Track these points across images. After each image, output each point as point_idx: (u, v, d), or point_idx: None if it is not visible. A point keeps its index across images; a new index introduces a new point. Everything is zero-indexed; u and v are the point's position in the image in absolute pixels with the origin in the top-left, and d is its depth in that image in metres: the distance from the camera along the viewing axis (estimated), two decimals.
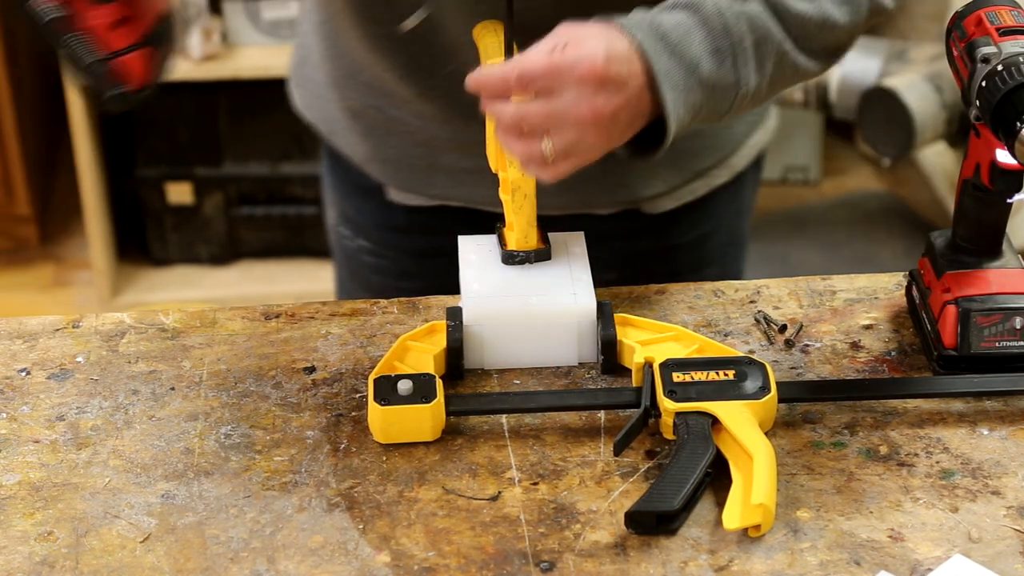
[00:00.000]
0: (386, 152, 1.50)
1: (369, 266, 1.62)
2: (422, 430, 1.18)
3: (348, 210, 1.61)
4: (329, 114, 1.55)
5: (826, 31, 1.27)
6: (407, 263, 1.59)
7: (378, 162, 1.52)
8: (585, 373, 1.27)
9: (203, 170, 3.13)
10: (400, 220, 1.56)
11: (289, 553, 1.09)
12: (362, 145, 1.52)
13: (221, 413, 1.22)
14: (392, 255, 1.60)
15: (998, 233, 1.26)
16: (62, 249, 3.32)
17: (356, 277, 1.65)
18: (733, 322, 1.32)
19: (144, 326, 1.32)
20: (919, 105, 3.07)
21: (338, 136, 1.55)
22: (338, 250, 1.67)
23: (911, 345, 1.29)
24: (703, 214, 1.54)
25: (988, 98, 1.16)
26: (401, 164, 1.50)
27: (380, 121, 1.48)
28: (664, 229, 1.53)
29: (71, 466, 1.17)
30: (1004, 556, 1.08)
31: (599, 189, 1.46)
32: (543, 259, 1.31)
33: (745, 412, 1.16)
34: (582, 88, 1.15)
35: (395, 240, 1.59)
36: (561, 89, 1.15)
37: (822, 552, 1.08)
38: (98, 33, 1.13)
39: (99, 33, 1.13)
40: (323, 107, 1.56)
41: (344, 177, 1.60)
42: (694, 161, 1.49)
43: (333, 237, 1.67)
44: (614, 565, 1.07)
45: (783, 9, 1.25)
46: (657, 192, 1.48)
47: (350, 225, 1.62)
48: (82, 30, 1.13)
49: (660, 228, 1.53)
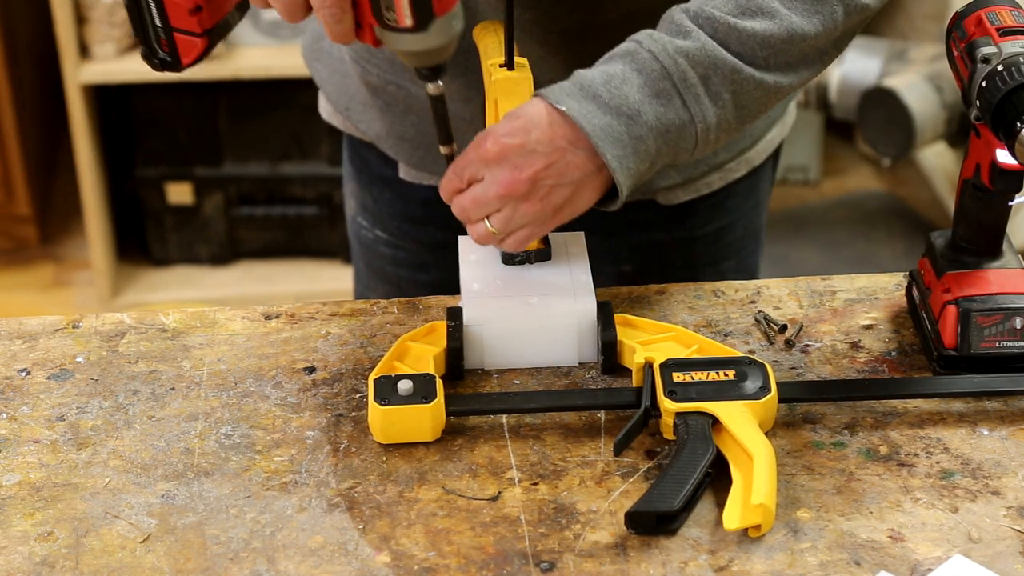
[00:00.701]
0: (403, 129, 1.50)
1: (386, 257, 1.62)
2: (422, 430, 1.18)
3: (366, 200, 1.62)
4: (347, 88, 1.54)
5: (795, 44, 1.25)
6: (425, 255, 1.59)
7: (394, 139, 1.51)
8: (585, 373, 1.27)
9: (203, 170, 3.13)
10: (418, 212, 1.57)
11: (289, 553, 1.09)
12: (379, 121, 1.52)
13: (221, 413, 1.22)
14: (410, 246, 1.60)
15: (998, 233, 1.26)
16: (62, 249, 3.32)
17: (373, 268, 1.65)
18: (733, 322, 1.32)
19: (144, 326, 1.32)
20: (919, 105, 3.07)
21: (354, 112, 1.55)
22: (356, 241, 1.67)
23: (911, 345, 1.29)
24: (720, 207, 1.55)
25: (988, 98, 1.16)
26: (417, 143, 1.50)
27: (399, 97, 1.48)
28: (681, 221, 1.54)
29: (71, 466, 1.17)
30: (1004, 556, 1.08)
31: None
32: (543, 259, 1.31)
33: (745, 412, 1.16)
34: (492, 168, 1.22)
35: (413, 231, 1.59)
36: (481, 174, 1.22)
37: (822, 552, 1.08)
38: (175, 9, 1.20)
39: (176, 10, 1.20)
40: (342, 81, 1.55)
41: (363, 167, 1.60)
42: (710, 155, 1.49)
43: (351, 228, 1.67)
44: (614, 565, 1.07)
45: (735, 35, 1.23)
46: (672, 183, 1.49)
47: (368, 215, 1.62)
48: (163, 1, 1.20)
49: (677, 220, 1.53)
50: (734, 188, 1.54)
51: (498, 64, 1.27)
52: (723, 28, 1.23)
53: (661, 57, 1.22)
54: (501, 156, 1.21)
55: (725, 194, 1.54)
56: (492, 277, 1.30)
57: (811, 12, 1.25)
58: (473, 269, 1.31)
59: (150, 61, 1.23)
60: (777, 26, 1.23)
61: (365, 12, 1.14)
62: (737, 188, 1.54)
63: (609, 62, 1.24)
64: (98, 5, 2.89)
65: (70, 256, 3.30)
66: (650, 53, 1.22)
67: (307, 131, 3.09)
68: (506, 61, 1.26)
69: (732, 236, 1.59)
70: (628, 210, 1.50)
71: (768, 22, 1.23)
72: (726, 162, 1.51)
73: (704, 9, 1.23)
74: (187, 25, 1.20)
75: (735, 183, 1.54)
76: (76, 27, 2.90)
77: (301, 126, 3.09)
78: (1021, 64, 1.15)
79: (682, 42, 1.22)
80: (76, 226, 3.28)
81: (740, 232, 1.60)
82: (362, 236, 1.64)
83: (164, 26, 1.20)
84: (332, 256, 3.20)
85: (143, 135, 3.10)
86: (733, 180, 1.53)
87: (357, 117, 1.54)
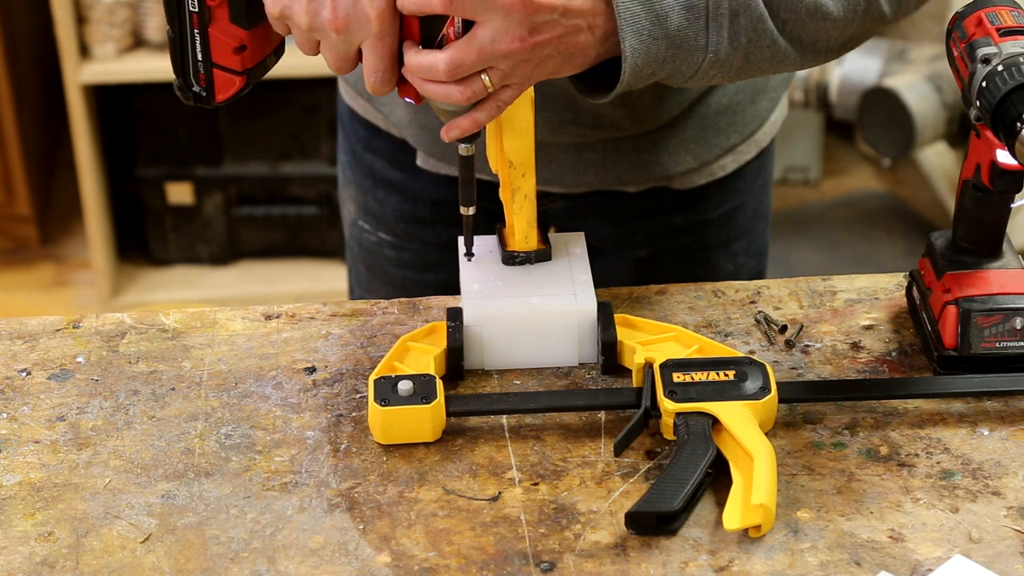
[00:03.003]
0: (426, 120, 1.49)
1: (390, 259, 1.62)
2: (422, 431, 1.18)
3: (370, 204, 1.61)
4: None
5: (817, 20, 1.24)
6: (432, 255, 1.59)
7: (416, 127, 1.51)
8: (586, 373, 1.27)
9: (203, 170, 3.13)
10: (426, 212, 1.57)
11: (289, 553, 1.09)
12: (402, 108, 1.51)
13: (221, 413, 1.22)
14: (416, 247, 1.60)
15: (998, 233, 1.26)
16: (62, 249, 3.32)
17: (376, 271, 1.65)
18: (733, 322, 1.32)
19: (144, 326, 1.32)
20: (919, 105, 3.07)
21: (376, 99, 1.54)
22: (356, 245, 1.66)
23: (911, 345, 1.29)
24: (732, 189, 1.56)
25: (988, 98, 1.16)
26: (437, 133, 1.49)
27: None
28: (695, 205, 1.54)
29: (71, 466, 1.17)
30: (1004, 556, 1.08)
31: (630, 166, 1.47)
32: (543, 260, 1.31)
33: (745, 412, 1.16)
34: (512, 17, 1.13)
35: (420, 233, 1.59)
36: (486, 17, 1.13)
37: (822, 552, 1.08)
38: (219, 46, 1.20)
39: (220, 46, 1.20)
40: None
41: (368, 171, 1.60)
42: (722, 137, 1.50)
43: (351, 232, 1.67)
44: (614, 565, 1.07)
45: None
46: (688, 168, 1.49)
47: (371, 219, 1.62)
48: (210, 35, 1.20)
49: (691, 204, 1.54)
50: (744, 170, 1.55)
51: None
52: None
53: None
54: (531, 8, 1.13)
55: (736, 176, 1.55)
56: (492, 277, 1.30)
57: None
58: (473, 269, 1.31)
59: (183, 94, 1.23)
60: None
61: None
62: (747, 170, 1.56)
63: None
64: (98, 5, 2.89)
65: (70, 256, 3.30)
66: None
67: (307, 131, 3.09)
68: None
69: (743, 217, 1.60)
70: (643, 197, 1.51)
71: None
72: (738, 144, 1.52)
73: None
74: (229, 62, 1.21)
75: (745, 165, 1.55)
76: (76, 27, 2.90)
77: (301, 126, 3.09)
78: (1021, 64, 1.15)
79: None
80: (76, 226, 3.28)
81: (751, 212, 1.61)
82: (364, 240, 1.64)
83: (205, 60, 1.21)
84: (332, 256, 3.20)
85: (143, 135, 3.10)
86: (744, 162, 1.54)
87: (379, 102, 1.54)
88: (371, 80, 1.17)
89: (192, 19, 1.19)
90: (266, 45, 1.23)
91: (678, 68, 1.22)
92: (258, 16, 1.19)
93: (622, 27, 1.17)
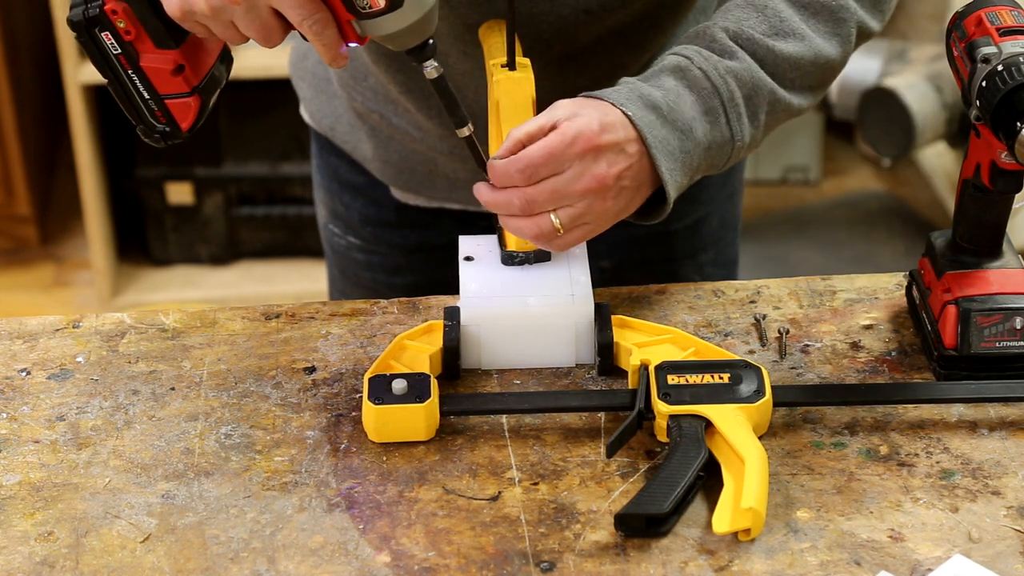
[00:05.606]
0: (389, 155, 1.50)
1: (360, 263, 1.62)
2: (416, 429, 1.18)
3: (338, 207, 1.62)
4: (333, 110, 1.55)
5: (819, 67, 1.29)
6: (399, 259, 1.59)
7: (380, 163, 1.53)
8: (585, 374, 1.27)
9: (203, 170, 3.13)
10: (391, 216, 1.57)
11: (289, 553, 1.09)
12: (366, 144, 1.52)
13: (221, 413, 1.22)
14: (383, 251, 1.60)
15: (998, 233, 1.26)
16: (62, 249, 3.32)
17: (348, 274, 1.65)
18: (733, 322, 1.32)
19: (144, 326, 1.32)
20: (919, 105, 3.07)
21: (339, 133, 1.55)
22: (328, 248, 1.67)
23: (911, 345, 1.29)
24: (696, 200, 1.56)
25: (988, 98, 1.16)
26: (403, 168, 1.51)
27: (383, 126, 1.49)
28: None
29: (71, 466, 1.17)
30: (1004, 556, 1.08)
31: None
32: (542, 260, 1.31)
33: (738, 416, 1.16)
34: (583, 160, 1.19)
35: (386, 236, 1.59)
36: (563, 168, 1.19)
37: (822, 552, 1.08)
38: (158, 75, 1.19)
39: (159, 75, 1.19)
40: (328, 102, 1.56)
41: (333, 174, 1.61)
42: None
43: (324, 236, 1.67)
44: (614, 565, 1.07)
45: (772, 57, 1.26)
46: None
47: (340, 223, 1.62)
48: (144, 69, 1.19)
49: None
50: (708, 180, 1.54)
51: (500, 64, 1.27)
52: (762, 50, 1.26)
53: (712, 76, 1.24)
54: (598, 149, 1.19)
55: (700, 186, 1.53)
56: (491, 277, 1.30)
57: (831, 35, 1.29)
58: (472, 269, 1.31)
59: (150, 137, 1.23)
60: (806, 48, 1.27)
61: (341, 11, 1.14)
62: (711, 180, 1.54)
63: (660, 76, 1.25)
64: None
65: (70, 256, 3.30)
66: (701, 72, 1.24)
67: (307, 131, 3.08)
68: (508, 61, 1.26)
69: (709, 227, 1.60)
70: None
71: (798, 44, 1.27)
72: None
73: (743, 30, 1.26)
74: (174, 88, 1.20)
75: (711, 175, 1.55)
76: None
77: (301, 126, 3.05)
78: (1021, 64, 1.15)
79: (730, 62, 1.25)
80: (76, 226, 3.28)
81: (716, 223, 1.61)
82: (335, 243, 1.64)
83: (153, 96, 1.20)
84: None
85: None
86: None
87: (343, 138, 1.55)
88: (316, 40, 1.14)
89: (120, 62, 1.19)
90: (205, 57, 1.22)
91: (712, 164, 1.27)
92: (180, 32, 1.18)
93: (655, 155, 1.21)
